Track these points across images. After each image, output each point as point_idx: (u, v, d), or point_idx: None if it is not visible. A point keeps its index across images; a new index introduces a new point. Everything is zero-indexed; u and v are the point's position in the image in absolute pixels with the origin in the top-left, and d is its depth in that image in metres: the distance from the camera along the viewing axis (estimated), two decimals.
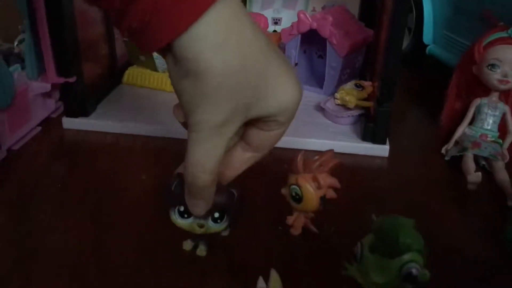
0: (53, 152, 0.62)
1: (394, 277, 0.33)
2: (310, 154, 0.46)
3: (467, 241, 0.48)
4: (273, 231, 0.48)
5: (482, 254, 0.46)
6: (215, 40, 0.27)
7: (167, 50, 0.29)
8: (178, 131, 0.64)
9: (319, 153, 0.46)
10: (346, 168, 0.56)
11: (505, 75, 0.59)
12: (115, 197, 0.53)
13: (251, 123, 0.34)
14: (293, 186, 0.46)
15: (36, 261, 0.43)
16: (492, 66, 0.60)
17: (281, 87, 0.32)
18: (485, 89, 0.62)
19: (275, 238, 0.48)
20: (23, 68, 0.62)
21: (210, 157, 0.32)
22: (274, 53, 0.31)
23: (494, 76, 0.60)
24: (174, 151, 0.61)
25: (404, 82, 0.90)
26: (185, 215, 0.42)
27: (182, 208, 0.41)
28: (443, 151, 0.63)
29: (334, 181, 0.47)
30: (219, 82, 0.28)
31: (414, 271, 0.33)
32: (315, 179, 0.45)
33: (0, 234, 0.47)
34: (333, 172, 0.46)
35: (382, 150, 0.62)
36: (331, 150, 0.47)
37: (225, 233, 0.43)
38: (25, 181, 0.55)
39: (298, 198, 0.46)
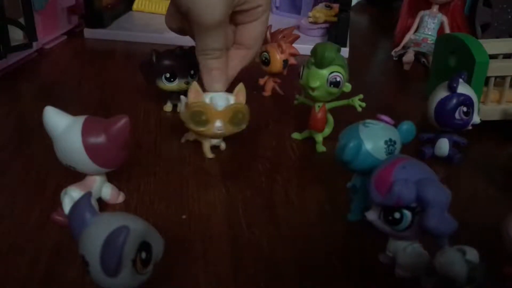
0: (75, 53, 0.77)
1: (324, 82, 0.47)
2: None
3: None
4: (248, 95, 0.62)
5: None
6: None
7: None
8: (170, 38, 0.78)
9: (283, 29, 0.61)
10: None
11: None
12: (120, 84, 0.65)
13: (237, 21, 0.47)
14: (263, 53, 0.60)
15: None
16: None
17: None
18: (429, 5, 0.76)
19: (250, 99, 0.61)
20: None
21: None
22: None
23: None
24: None
25: (374, 19, 1.04)
26: (171, 79, 0.54)
27: (168, 75, 0.54)
28: (392, 53, 0.77)
29: (295, 50, 0.61)
30: None
31: (338, 78, 0.47)
32: (279, 46, 0.60)
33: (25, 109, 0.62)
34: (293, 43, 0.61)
35: (343, 52, 0.76)
36: (292, 27, 0.62)
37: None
38: (51, 71, 0.69)
39: (267, 62, 0.60)
